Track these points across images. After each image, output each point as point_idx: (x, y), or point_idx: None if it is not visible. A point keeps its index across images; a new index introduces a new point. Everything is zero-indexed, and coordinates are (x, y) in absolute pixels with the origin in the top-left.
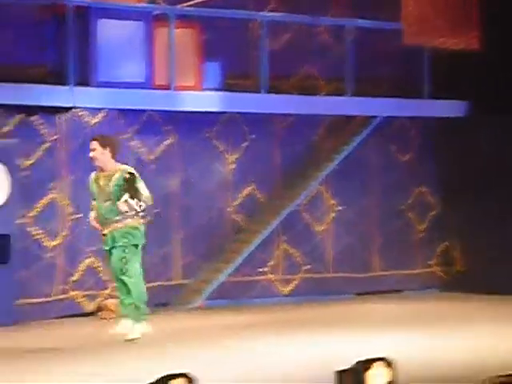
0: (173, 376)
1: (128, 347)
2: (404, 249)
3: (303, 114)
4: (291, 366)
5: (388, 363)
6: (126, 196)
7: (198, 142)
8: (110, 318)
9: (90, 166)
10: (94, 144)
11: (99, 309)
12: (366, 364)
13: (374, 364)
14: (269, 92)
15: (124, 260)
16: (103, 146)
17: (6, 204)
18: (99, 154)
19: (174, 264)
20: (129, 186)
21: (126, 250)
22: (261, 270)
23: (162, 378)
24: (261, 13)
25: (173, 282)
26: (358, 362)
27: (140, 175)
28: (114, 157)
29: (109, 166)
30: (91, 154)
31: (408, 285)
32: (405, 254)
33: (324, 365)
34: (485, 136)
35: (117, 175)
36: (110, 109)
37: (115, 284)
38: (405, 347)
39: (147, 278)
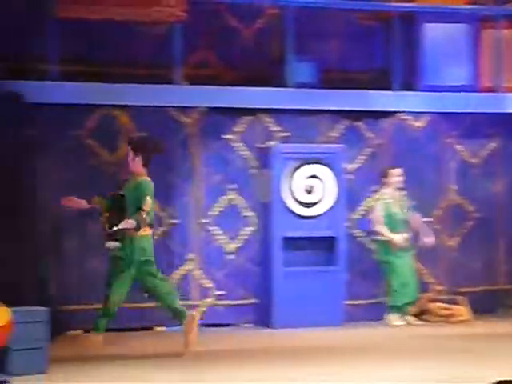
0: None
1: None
2: None
3: None
4: None
5: None
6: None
7: None
8: (433, 321)
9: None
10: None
11: (422, 312)
12: None
13: None
14: None
15: None
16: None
17: (332, 207)
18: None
19: (498, 269)
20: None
21: None
22: None
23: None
24: None
25: (497, 287)
26: None
27: (464, 178)
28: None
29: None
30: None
31: None
32: None
33: None
34: None
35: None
36: (433, 112)
37: None
38: None
39: (473, 282)
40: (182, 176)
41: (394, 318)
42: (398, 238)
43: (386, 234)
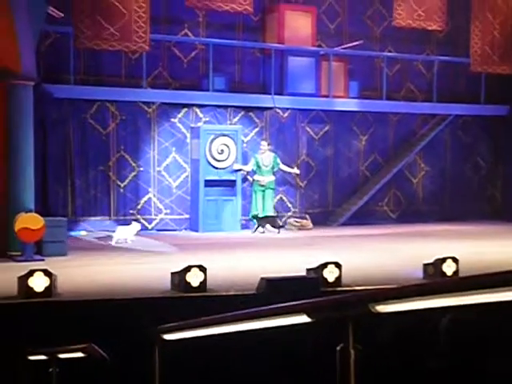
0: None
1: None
2: (464, 195)
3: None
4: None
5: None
6: None
7: (343, 128)
8: (290, 229)
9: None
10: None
11: (284, 223)
12: None
13: None
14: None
15: None
16: None
17: (234, 162)
18: None
19: (328, 198)
20: None
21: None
22: (379, 204)
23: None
24: None
25: (328, 209)
26: None
27: (308, 149)
28: None
29: None
30: None
31: None
32: (464, 196)
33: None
34: None
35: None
36: (293, 108)
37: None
38: None
39: (313, 206)
40: (146, 142)
41: (254, 227)
42: (246, 166)
43: (243, 167)
